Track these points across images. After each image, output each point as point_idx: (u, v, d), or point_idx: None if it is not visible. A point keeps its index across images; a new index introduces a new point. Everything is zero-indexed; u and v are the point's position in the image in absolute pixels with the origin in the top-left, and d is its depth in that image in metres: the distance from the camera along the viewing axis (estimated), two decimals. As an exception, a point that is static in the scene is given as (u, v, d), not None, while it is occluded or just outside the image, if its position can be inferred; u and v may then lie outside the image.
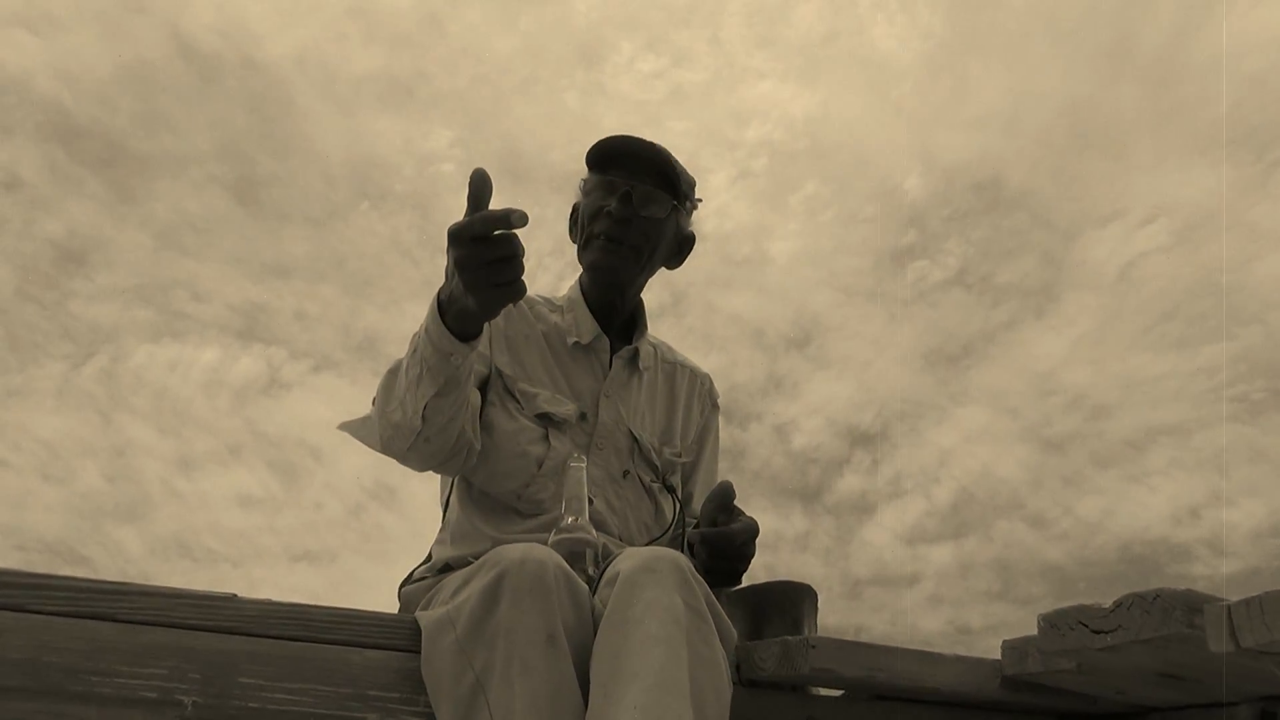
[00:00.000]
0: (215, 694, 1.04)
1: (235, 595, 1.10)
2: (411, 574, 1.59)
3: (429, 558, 1.60)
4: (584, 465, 1.41)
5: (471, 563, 1.30)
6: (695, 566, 1.40)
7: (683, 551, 1.59)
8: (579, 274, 1.71)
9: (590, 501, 1.50)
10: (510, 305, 1.62)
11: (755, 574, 1.50)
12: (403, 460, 1.42)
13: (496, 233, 1.12)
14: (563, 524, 1.35)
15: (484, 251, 1.12)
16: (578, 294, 1.69)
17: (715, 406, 1.83)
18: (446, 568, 1.46)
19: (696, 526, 1.50)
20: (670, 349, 1.81)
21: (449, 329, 1.21)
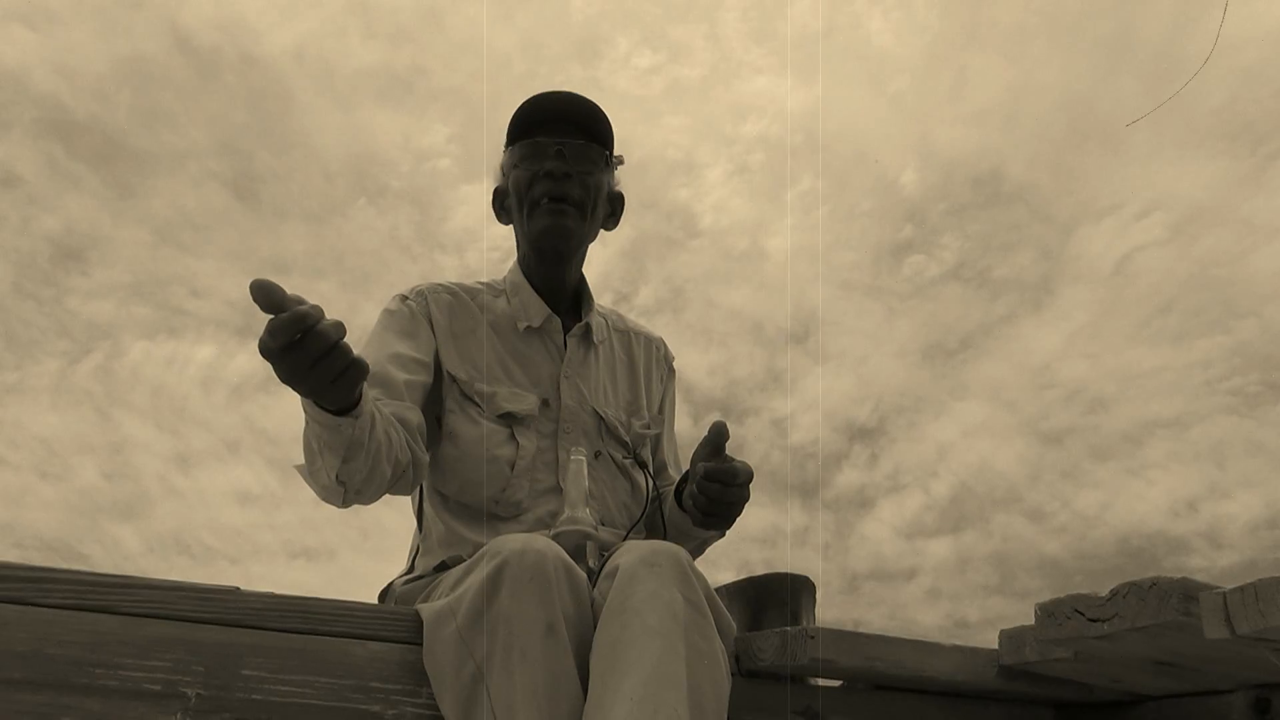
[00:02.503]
0: (218, 686, 1.04)
1: (238, 588, 1.11)
2: (391, 584, 1.58)
3: (410, 568, 1.59)
4: (584, 458, 1.41)
5: (464, 557, 1.31)
6: (692, 507, 1.40)
7: (658, 519, 1.60)
8: (515, 257, 1.68)
9: (591, 495, 1.51)
10: (452, 299, 1.60)
11: (754, 567, 1.50)
12: (347, 507, 1.39)
13: (308, 345, 1.06)
14: (563, 516, 1.36)
15: (300, 359, 1.07)
16: (519, 276, 1.64)
17: (672, 371, 1.81)
18: (443, 565, 1.47)
19: (682, 481, 1.49)
20: (620, 316, 1.78)
21: (325, 408, 1.19)
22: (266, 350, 1.07)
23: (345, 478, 1.27)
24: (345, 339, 1.09)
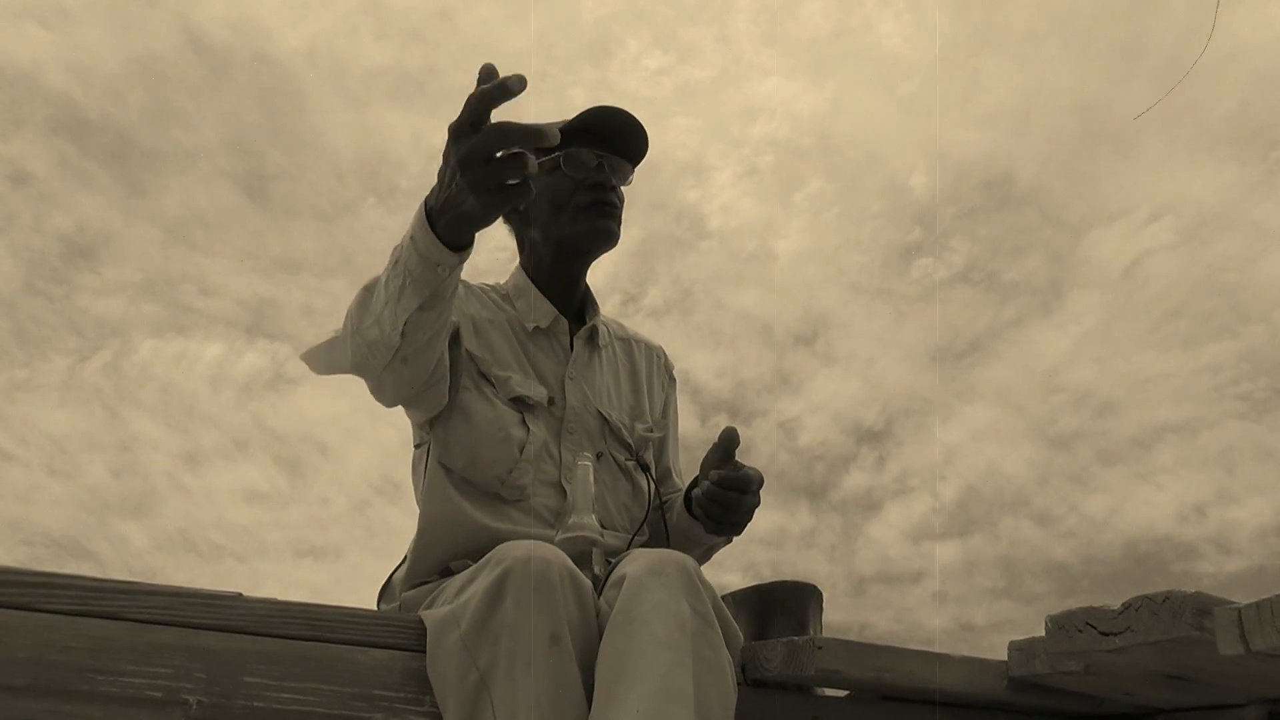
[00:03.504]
0: (221, 693, 1.03)
1: (241, 594, 1.10)
2: (390, 579, 1.57)
3: (404, 561, 1.57)
4: (591, 464, 1.41)
5: (469, 563, 1.30)
6: (702, 515, 1.41)
7: (661, 524, 1.59)
8: (518, 263, 1.70)
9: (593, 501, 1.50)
10: (465, 288, 1.61)
11: (760, 569, 1.49)
12: (377, 384, 1.37)
13: (505, 128, 1.07)
14: (569, 522, 1.35)
15: (485, 144, 1.07)
16: (524, 279, 1.66)
17: (673, 380, 1.83)
18: (448, 571, 1.46)
19: (692, 487, 1.49)
20: (621, 325, 1.80)
21: (439, 238, 1.17)
22: (458, 127, 1.08)
23: (411, 329, 1.25)
24: (533, 158, 1.09)
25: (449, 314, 1.29)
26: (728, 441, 1.37)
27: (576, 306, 1.69)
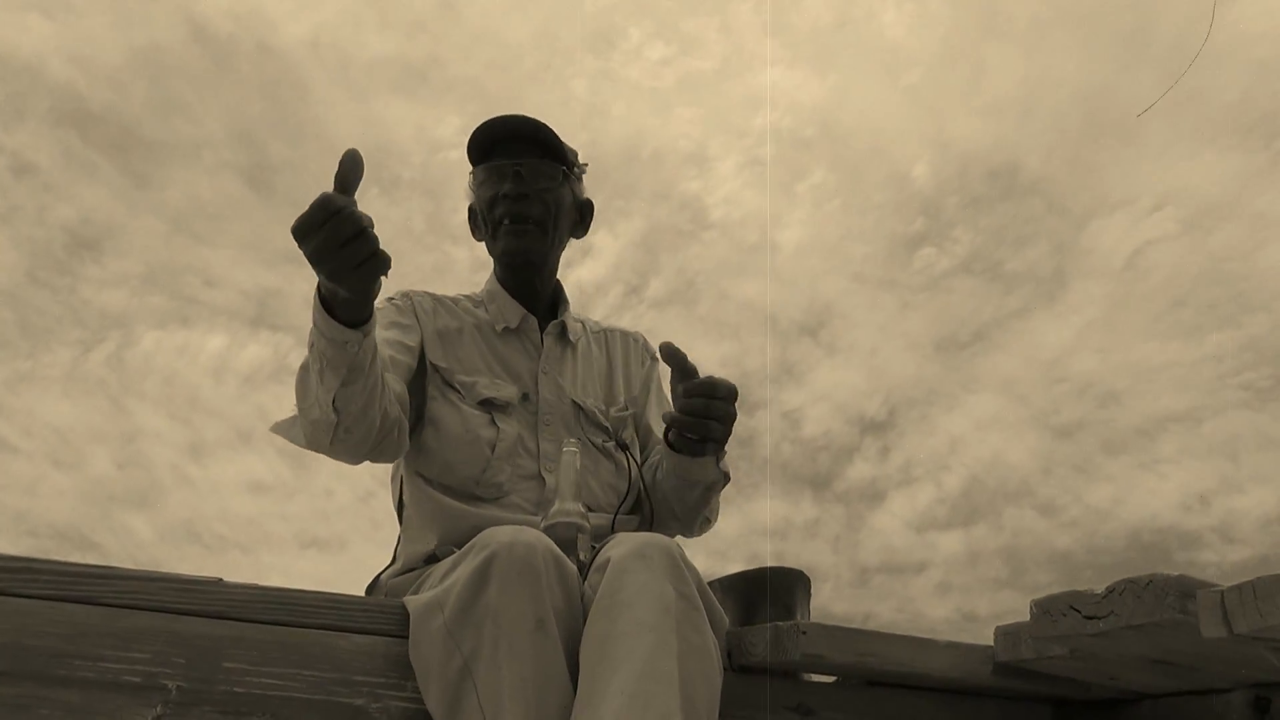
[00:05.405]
0: (200, 678, 1.03)
1: (221, 579, 1.10)
2: (378, 578, 1.58)
3: (394, 560, 1.59)
4: (577, 450, 1.40)
5: (455, 549, 1.30)
6: (676, 436, 1.44)
7: (643, 493, 1.61)
8: (491, 269, 1.73)
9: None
10: (434, 300, 1.66)
11: (764, 559, 1.51)
12: (332, 455, 1.39)
13: (337, 221, 1.09)
14: (553, 509, 1.35)
15: (331, 236, 1.09)
16: (495, 285, 1.70)
17: (654, 359, 1.84)
18: (433, 558, 1.46)
19: (667, 431, 1.49)
20: (597, 322, 1.83)
21: (338, 319, 1.19)
22: (300, 227, 1.10)
23: (341, 404, 1.26)
24: (373, 230, 1.12)
25: (376, 378, 1.30)
26: (671, 357, 1.40)
27: (548, 305, 1.72)
